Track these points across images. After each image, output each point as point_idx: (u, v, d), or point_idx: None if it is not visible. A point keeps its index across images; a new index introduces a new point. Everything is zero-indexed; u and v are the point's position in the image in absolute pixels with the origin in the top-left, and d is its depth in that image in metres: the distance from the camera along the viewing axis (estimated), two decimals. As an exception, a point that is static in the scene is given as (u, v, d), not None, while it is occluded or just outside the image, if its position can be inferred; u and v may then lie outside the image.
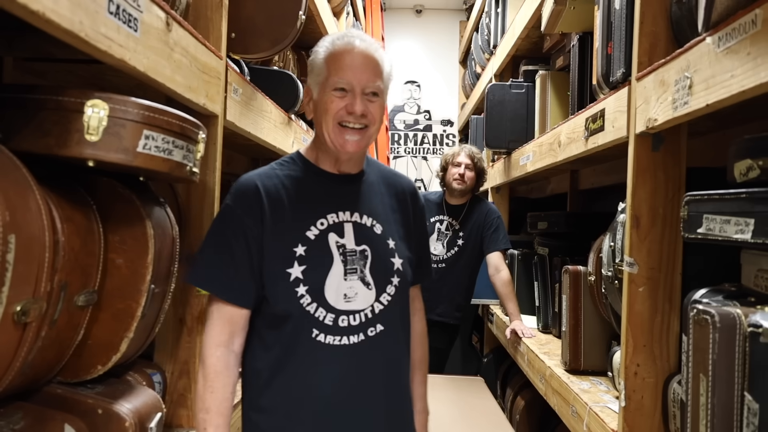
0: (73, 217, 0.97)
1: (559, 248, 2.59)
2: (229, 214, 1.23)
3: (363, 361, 1.25)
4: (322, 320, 1.22)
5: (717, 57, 1.02)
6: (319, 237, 1.24)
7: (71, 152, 0.90)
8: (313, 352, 1.22)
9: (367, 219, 1.30)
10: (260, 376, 1.25)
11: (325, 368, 1.23)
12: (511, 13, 3.45)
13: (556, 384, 1.95)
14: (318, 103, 1.27)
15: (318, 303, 1.21)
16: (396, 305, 1.30)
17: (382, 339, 1.27)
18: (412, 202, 1.42)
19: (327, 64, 1.25)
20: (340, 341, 1.23)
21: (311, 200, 1.27)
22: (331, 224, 1.26)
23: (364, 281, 1.25)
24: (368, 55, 1.25)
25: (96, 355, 1.07)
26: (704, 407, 0.98)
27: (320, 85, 1.26)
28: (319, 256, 1.23)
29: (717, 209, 1.06)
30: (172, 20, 1.08)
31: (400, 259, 1.32)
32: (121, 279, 1.07)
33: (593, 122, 1.68)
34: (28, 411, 0.97)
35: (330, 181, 1.31)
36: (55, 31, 0.76)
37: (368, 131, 1.26)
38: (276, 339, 1.24)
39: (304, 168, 1.31)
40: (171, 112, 1.02)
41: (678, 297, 1.37)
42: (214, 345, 1.21)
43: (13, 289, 0.78)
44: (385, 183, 1.39)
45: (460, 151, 3.09)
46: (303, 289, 1.21)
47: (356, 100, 1.23)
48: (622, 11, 1.50)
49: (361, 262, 1.26)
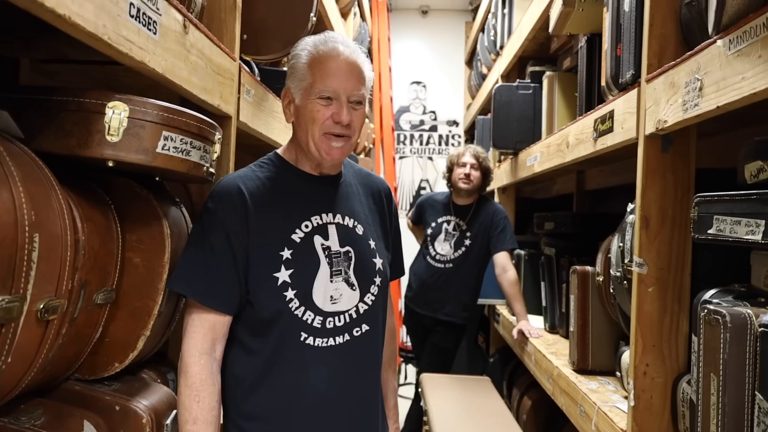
0: (92, 216, 0.98)
1: (566, 249, 2.59)
2: (212, 218, 1.20)
3: (349, 361, 1.26)
4: (311, 323, 1.22)
5: (728, 59, 1.02)
6: (304, 240, 1.24)
7: (92, 153, 0.91)
8: (301, 355, 1.22)
9: (349, 220, 1.31)
10: (244, 382, 1.23)
11: (314, 370, 1.23)
12: (517, 14, 3.46)
13: (564, 384, 1.96)
14: (301, 109, 1.24)
15: (306, 306, 1.21)
16: (378, 304, 1.32)
17: (365, 338, 1.29)
18: (387, 202, 1.45)
19: (311, 69, 1.22)
20: (326, 343, 1.24)
21: (294, 203, 1.27)
22: (316, 226, 1.26)
23: (348, 282, 1.26)
24: (353, 62, 1.24)
25: (113, 353, 1.09)
26: (715, 406, 0.99)
27: (304, 91, 1.23)
28: (307, 260, 1.23)
29: (727, 210, 1.07)
30: (188, 23, 1.10)
31: (380, 259, 1.34)
32: (138, 278, 1.08)
33: (602, 123, 1.69)
34: (48, 407, 0.99)
35: (311, 183, 1.30)
36: (79, 34, 0.78)
37: (352, 139, 1.27)
38: (261, 344, 1.23)
39: (283, 169, 1.30)
40: (189, 114, 1.03)
41: (687, 297, 1.38)
42: (197, 353, 1.16)
43: (37, 287, 0.80)
44: (361, 184, 1.41)
45: (465, 152, 3.11)
46: (291, 293, 1.20)
47: (343, 110, 1.22)
48: (631, 13, 1.51)
49: (345, 264, 1.27)
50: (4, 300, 0.71)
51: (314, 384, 1.23)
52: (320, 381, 1.24)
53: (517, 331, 2.66)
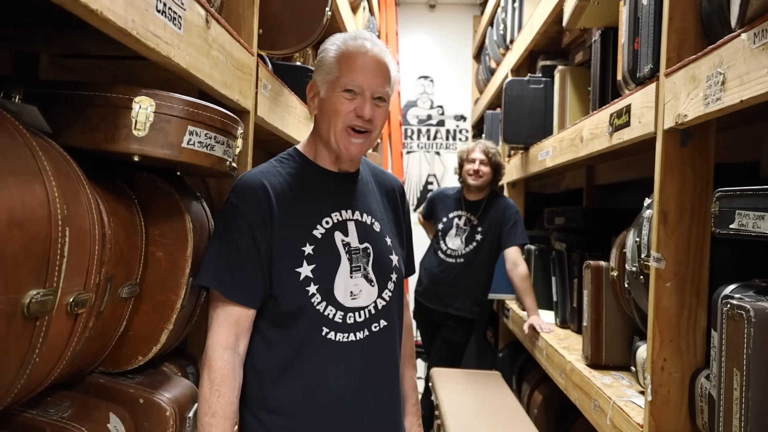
0: (117, 210, 0.99)
1: (576, 243, 2.59)
2: (236, 213, 1.21)
3: (368, 356, 1.28)
4: (332, 318, 1.24)
5: (752, 53, 1.02)
6: (325, 235, 1.26)
7: (119, 147, 0.92)
8: (323, 350, 1.24)
9: (367, 217, 1.33)
10: (265, 375, 1.24)
11: (335, 365, 1.25)
12: (528, 8, 3.44)
13: (577, 378, 1.96)
14: (325, 101, 1.26)
15: (327, 301, 1.23)
16: (395, 300, 1.34)
17: (384, 334, 1.31)
18: (400, 200, 1.47)
19: (339, 63, 1.24)
20: (347, 338, 1.25)
21: (315, 198, 1.29)
22: (336, 222, 1.28)
23: (367, 278, 1.28)
24: (380, 59, 1.27)
25: (137, 346, 1.09)
26: (738, 401, 0.99)
27: (329, 84, 1.25)
28: (328, 255, 1.25)
29: (750, 205, 1.07)
30: (211, 17, 1.10)
31: (396, 256, 1.36)
32: (161, 272, 1.09)
33: (618, 118, 1.68)
34: (74, 399, 0.99)
35: (330, 179, 1.32)
36: (110, 29, 0.78)
37: (371, 136, 1.28)
38: (283, 338, 1.24)
39: (304, 165, 1.31)
40: (213, 108, 1.04)
41: (705, 292, 1.37)
42: (221, 348, 1.18)
43: (67, 281, 0.80)
44: (376, 181, 1.43)
45: (475, 147, 3.10)
46: (314, 288, 1.22)
47: (366, 105, 1.23)
48: (650, 6, 1.50)
49: (364, 260, 1.29)
50: (39, 293, 0.72)
51: (334, 379, 1.25)
52: (340, 376, 1.25)
53: (528, 325, 2.66)
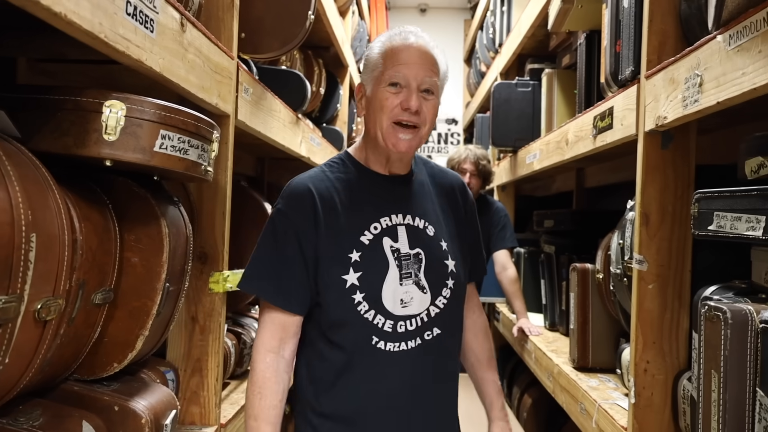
0: (90, 216, 0.98)
1: (565, 246, 2.59)
2: (283, 219, 1.21)
3: (420, 365, 1.23)
4: (381, 327, 1.20)
5: (728, 55, 1.02)
6: (373, 242, 1.22)
7: (90, 152, 0.91)
8: (373, 359, 1.20)
9: (420, 221, 1.27)
10: (317, 383, 1.23)
11: (386, 374, 1.21)
12: (516, 12, 3.45)
13: (564, 381, 1.96)
14: (371, 99, 1.22)
15: (376, 310, 1.19)
16: (452, 307, 1.28)
17: (437, 342, 1.25)
18: (462, 199, 1.39)
19: (383, 58, 1.21)
20: (398, 347, 1.21)
21: (363, 204, 1.25)
22: (385, 228, 1.23)
23: (419, 285, 1.23)
24: (425, 51, 1.22)
25: (112, 353, 1.08)
26: (716, 403, 0.99)
27: (374, 80, 1.22)
28: (375, 262, 1.21)
29: (728, 206, 1.07)
30: (186, 21, 1.09)
31: (453, 261, 1.29)
32: (136, 277, 1.08)
33: (601, 120, 1.68)
34: (46, 408, 0.98)
35: (381, 183, 1.28)
36: (75, 32, 0.77)
37: (420, 131, 1.22)
38: (333, 347, 1.22)
39: (353, 170, 1.28)
40: (187, 112, 1.03)
41: (687, 294, 1.37)
42: (264, 350, 1.19)
43: (34, 288, 0.79)
44: (433, 182, 1.36)
45: (466, 158, 3.05)
46: (360, 296, 1.19)
47: (412, 96, 1.18)
48: (630, 9, 1.50)
49: (415, 266, 1.23)
50: (1, 300, 0.70)
51: (386, 388, 1.21)
52: (392, 385, 1.21)
53: (517, 329, 2.65)
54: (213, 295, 1.41)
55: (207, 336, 1.41)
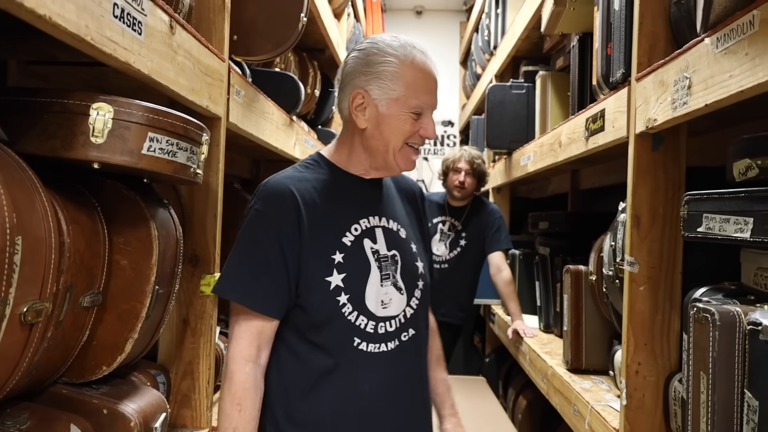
0: (78, 218, 0.98)
1: (560, 248, 2.59)
2: (263, 220, 1.16)
3: (398, 367, 1.24)
4: (364, 328, 1.20)
5: (715, 57, 1.02)
6: (355, 243, 1.22)
7: (77, 154, 0.91)
8: (355, 361, 1.20)
9: (393, 223, 1.29)
10: (293, 388, 1.20)
11: (367, 376, 1.21)
12: (511, 14, 3.46)
13: (557, 383, 1.96)
14: (386, 118, 1.19)
15: (359, 311, 1.19)
16: (422, 308, 1.30)
17: (412, 343, 1.26)
18: (421, 203, 1.42)
19: (405, 81, 1.18)
20: (379, 348, 1.21)
21: (343, 205, 1.24)
22: (365, 229, 1.24)
23: (396, 286, 1.24)
24: (436, 77, 1.24)
25: (101, 356, 1.08)
26: (705, 405, 0.99)
27: (392, 101, 1.18)
28: (358, 264, 1.21)
29: (716, 208, 1.07)
30: (175, 23, 1.09)
31: (422, 263, 1.31)
32: (125, 280, 1.07)
33: (593, 122, 1.69)
34: (34, 411, 0.98)
35: (358, 186, 1.28)
36: (61, 35, 0.77)
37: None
38: (313, 349, 1.20)
39: (330, 171, 1.26)
40: (175, 114, 1.03)
41: (679, 296, 1.38)
42: (242, 360, 1.14)
43: (20, 291, 0.79)
44: (396, 186, 1.38)
45: (460, 158, 3.06)
46: (345, 298, 1.18)
47: (431, 125, 1.21)
48: (621, 12, 1.51)
49: (392, 268, 1.25)
50: (-16, 303, 0.70)
51: (367, 390, 1.20)
52: (373, 387, 1.21)
53: (511, 330, 2.66)
54: (204, 298, 1.41)
55: (198, 339, 1.40)
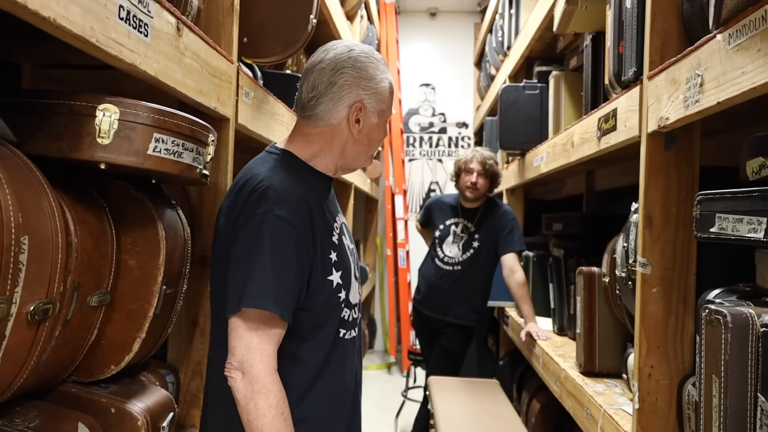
0: (86, 218, 0.99)
1: (574, 250, 2.56)
2: (286, 228, 1.12)
3: (358, 350, 1.33)
4: (346, 318, 1.26)
5: (728, 54, 1.00)
6: (339, 240, 1.27)
7: (83, 155, 0.92)
8: (342, 350, 1.26)
9: (343, 218, 1.36)
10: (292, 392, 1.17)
11: (349, 364, 1.28)
12: (524, 14, 3.43)
13: (570, 386, 1.93)
14: (375, 129, 1.29)
15: (346, 305, 1.26)
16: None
17: (359, 329, 1.36)
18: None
19: (390, 98, 1.30)
20: (351, 335, 1.29)
21: (326, 204, 1.29)
22: (339, 226, 1.30)
23: (356, 276, 1.33)
24: None
25: (109, 355, 1.09)
26: (717, 409, 0.97)
27: (380, 114, 1.28)
28: (345, 259, 1.27)
29: (729, 208, 1.05)
30: (182, 25, 1.10)
31: None
32: (133, 280, 1.08)
33: (605, 122, 1.67)
34: (42, 409, 0.99)
35: (325, 184, 1.32)
36: (66, 37, 0.78)
37: None
38: (314, 347, 1.20)
39: (306, 169, 1.27)
40: (181, 116, 1.03)
41: (692, 297, 1.35)
42: (273, 371, 1.10)
43: (27, 290, 0.80)
44: None
45: (473, 158, 3.04)
46: (343, 294, 1.24)
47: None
48: (633, 10, 1.49)
49: (353, 259, 1.33)
50: (-11, 302, 0.71)
51: (350, 377, 1.29)
52: (352, 373, 1.29)
53: (524, 333, 2.63)
54: (213, 298, 1.41)
55: (207, 339, 1.41)
